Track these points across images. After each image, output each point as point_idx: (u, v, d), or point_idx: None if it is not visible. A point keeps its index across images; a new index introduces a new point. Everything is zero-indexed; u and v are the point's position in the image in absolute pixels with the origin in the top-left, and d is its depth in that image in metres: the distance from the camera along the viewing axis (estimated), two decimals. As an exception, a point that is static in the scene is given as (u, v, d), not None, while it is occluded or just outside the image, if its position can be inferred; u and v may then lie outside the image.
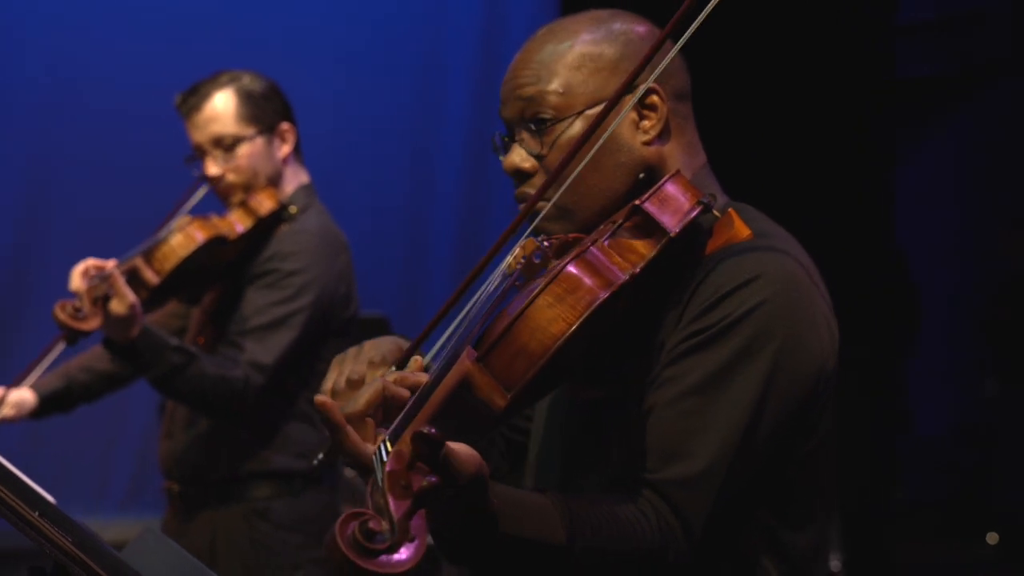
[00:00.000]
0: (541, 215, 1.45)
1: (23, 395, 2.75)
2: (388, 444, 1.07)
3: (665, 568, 1.34)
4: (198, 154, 2.78)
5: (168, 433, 2.81)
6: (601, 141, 1.42)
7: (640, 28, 1.53)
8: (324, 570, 2.76)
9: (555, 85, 1.48)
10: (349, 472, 2.96)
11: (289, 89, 2.95)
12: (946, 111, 6.99)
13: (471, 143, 7.20)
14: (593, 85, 1.48)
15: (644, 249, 1.33)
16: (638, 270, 1.30)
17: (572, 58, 1.49)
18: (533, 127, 1.49)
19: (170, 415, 2.83)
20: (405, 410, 1.17)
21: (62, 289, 6.31)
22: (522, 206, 1.47)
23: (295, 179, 2.83)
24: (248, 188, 2.74)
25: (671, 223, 1.35)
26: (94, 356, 2.85)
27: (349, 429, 1.20)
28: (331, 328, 2.75)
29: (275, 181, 2.78)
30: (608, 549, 1.29)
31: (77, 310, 2.40)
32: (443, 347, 1.34)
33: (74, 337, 2.44)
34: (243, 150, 2.73)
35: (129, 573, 1.19)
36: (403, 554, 0.99)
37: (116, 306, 2.41)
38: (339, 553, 0.98)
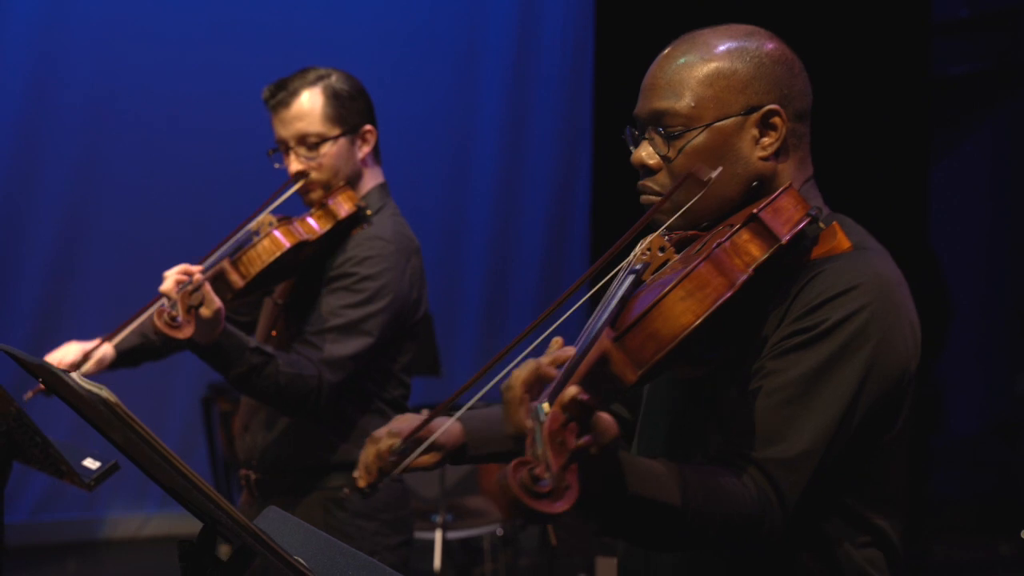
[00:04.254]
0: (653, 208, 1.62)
1: (105, 351, 2.86)
2: (546, 406, 1.20)
3: (760, 536, 1.47)
4: (281, 148, 2.81)
5: (245, 426, 2.86)
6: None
7: (772, 46, 1.66)
8: (396, 556, 2.81)
9: (687, 99, 1.62)
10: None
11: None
12: (982, 109, 7.00)
13: (506, 144, 7.23)
14: (722, 101, 1.62)
15: (757, 252, 1.49)
16: (751, 271, 1.47)
17: (706, 73, 1.62)
18: (663, 131, 1.64)
19: (247, 408, 2.88)
20: (556, 379, 1.29)
21: (103, 289, 6.37)
22: (643, 198, 1.66)
23: (372, 179, 2.87)
24: (328, 186, 2.78)
25: (782, 232, 1.51)
26: None
27: (517, 406, 1.32)
28: (403, 330, 2.79)
29: (354, 181, 2.82)
30: (715, 513, 1.43)
31: (173, 319, 2.44)
32: (583, 329, 1.46)
33: (170, 344, 2.51)
34: (326, 149, 2.76)
35: (266, 540, 1.24)
36: (562, 500, 1.15)
37: (204, 312, 2.47)
38: (511, 493, 1.14)
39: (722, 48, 1.63)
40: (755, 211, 1.51)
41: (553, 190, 7.40)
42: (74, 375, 1.20)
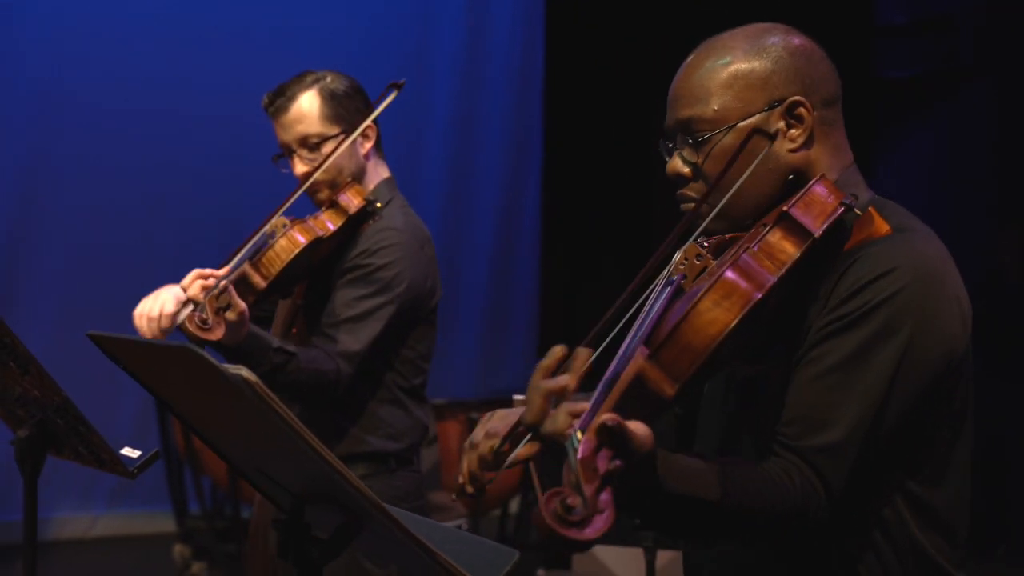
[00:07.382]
0: (701, 216, 1.64)
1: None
2: (579, 434, 1.25)
3: (804, 526, 1.51)
4: (285, 153, 2.87)
5: None
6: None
7: (794, 40, 1.68)
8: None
9: (710, 104, 1.64)
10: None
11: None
12: (922, 112, 7.19)
13: (456, 142, 7.28)
14: (744, 100, 1.63)
15: (791, 249, 1.51)
16: (784, 271, 1.49)
17: (726, 76, 1.65)
18: (690, 140, 1.66)
19: None
20: (592, 402, 1.33)
21: (51, 283, 6.27)
22: (683, 206, 1.68)
23: (377, 174, 2.93)
24: (333, 185, 2.83)
25: (814, 226, 1.52)
26: None
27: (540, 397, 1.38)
28: (419, 317, 2.85)
29: (359, 177, 2.88)
30: (756, 507, 1.48)
31: (203, 322, 2.50)
32: (620, 344, 1.49)
33: (201, 346, 2.53)
34: (328, 148, 2.82)
35: (393, 516, 1.28)
36: (595, 525, 1.18)
37: (229, 315, 2.52)
38: (545, 524, 1.18)
39: (738, 49, 1.65)
40: (785, 208, 1.52)
41: (503, 188, 7.46)
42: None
